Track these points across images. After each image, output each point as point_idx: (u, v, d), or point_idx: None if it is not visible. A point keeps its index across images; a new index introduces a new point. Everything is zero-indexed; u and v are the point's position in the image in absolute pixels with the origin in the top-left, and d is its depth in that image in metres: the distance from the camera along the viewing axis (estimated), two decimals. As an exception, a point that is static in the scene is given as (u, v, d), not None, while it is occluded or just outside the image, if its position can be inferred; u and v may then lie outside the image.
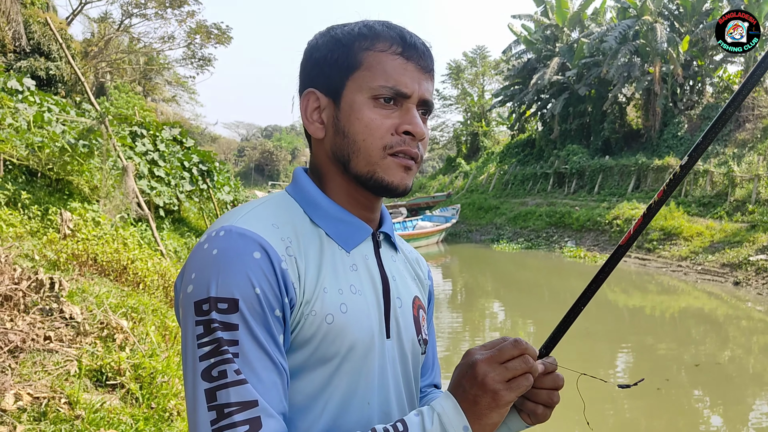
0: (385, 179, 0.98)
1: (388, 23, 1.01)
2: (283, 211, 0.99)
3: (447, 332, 10.36)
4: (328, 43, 1.01)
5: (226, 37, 30.14)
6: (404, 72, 0.97)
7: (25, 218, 7.42)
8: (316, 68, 1.02)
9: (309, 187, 1.04)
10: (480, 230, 26.47)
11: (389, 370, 1.01)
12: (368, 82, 0.97)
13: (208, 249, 0.88)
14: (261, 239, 0.89)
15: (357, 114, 0.97)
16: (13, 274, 3.96)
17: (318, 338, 0.92)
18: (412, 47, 0.98)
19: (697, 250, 16.96)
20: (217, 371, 0.82)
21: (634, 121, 28.83)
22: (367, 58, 0.97)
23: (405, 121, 0.97)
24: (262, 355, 0.85)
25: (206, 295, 0.85)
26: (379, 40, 0.98)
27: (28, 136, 8.41)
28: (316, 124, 1.02)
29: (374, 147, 0.97)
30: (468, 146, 42.80)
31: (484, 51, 46.88)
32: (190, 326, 0.86)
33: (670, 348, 9.38)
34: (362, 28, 0.99)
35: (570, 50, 30.66)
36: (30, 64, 16.51)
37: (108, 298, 4.84)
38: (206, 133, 66.76)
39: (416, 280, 1.18)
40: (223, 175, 14.33)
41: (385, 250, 1.09)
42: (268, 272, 0.87)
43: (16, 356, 3.31)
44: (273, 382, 0.85)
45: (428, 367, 1.26)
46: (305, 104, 1.02)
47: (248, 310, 0.85)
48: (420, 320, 1.11)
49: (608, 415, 6.57)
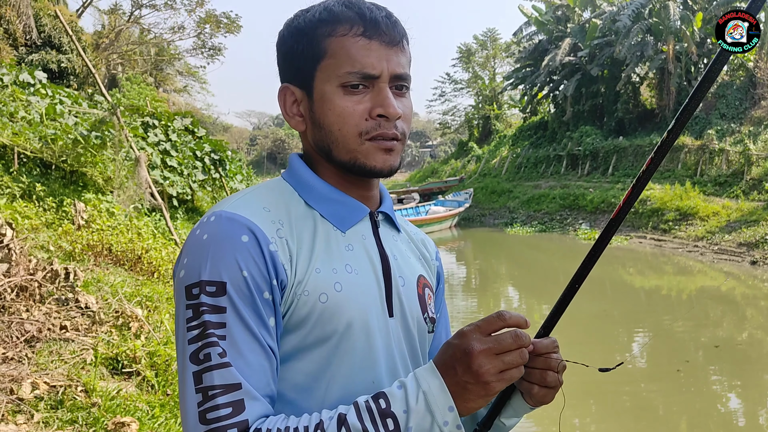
0: (367, 164, 0.97)
1: (349, 1, 0.98)
2: (276, 195, 0.99)
3: (462, 316, 10.36)
4: (292, 33, 1.00)
5: (236, 25, 30.04)
6: (369, 52, 0.95)
7: (41, 210, 7.49)
8: (286, 62, 1.02)
9: (302, 171, 1.04)
10: (493, 214, 26.37)
11: (395, 349, 1.01)
12: (335, 70, 0.95)
13: (199, 234, 0.90)
14: (249, 222, 0.89)
15: (329, 104, 0.96)
16: (28, 265, 4.00)
17: (313, 318, 0.92)
18: (373, 24, 0.96)
19: (714, 229, 16.80)
20: (203, 354, 0.83)
21: (648, 100, 28.49)
22: (330, 45, 0.96)
23: (377, 104, 0.96)
24: (250, 337, 0.85)
25: (196, 279, 0.86)
26: (339, 24, 0.96)
27: (41, 128, 8.47)
28: (296, 118, 1.02)
29: (350, 135, 0.96)
30: (480, 130, 42.55)
31: (495, 33, 46.43)
32: (181, 310, 0.87)
33: (687, 329, 9.32)
34: (322, 13, 0.97)
35: (582, 30, 30.28)
36: (42, 57, 16.58)
37: (123, 288, 4.88)
38: (218, 122, 66.91)
39: (422, 260, 1.17)
40: (236, 164, 14.37)
41: (384, 229, 1.09)
42: (256, 255, 0.87)
43: (33, 346, 3.35)
44: (260, 364, 0.85)
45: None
46: (283, 99, 1.03)
47: (236, 293, 0.85)
48: (426, 299, 1.10)
49: (624, 398, 6.55)
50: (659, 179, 21.41)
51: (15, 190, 7.57)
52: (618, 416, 6.11)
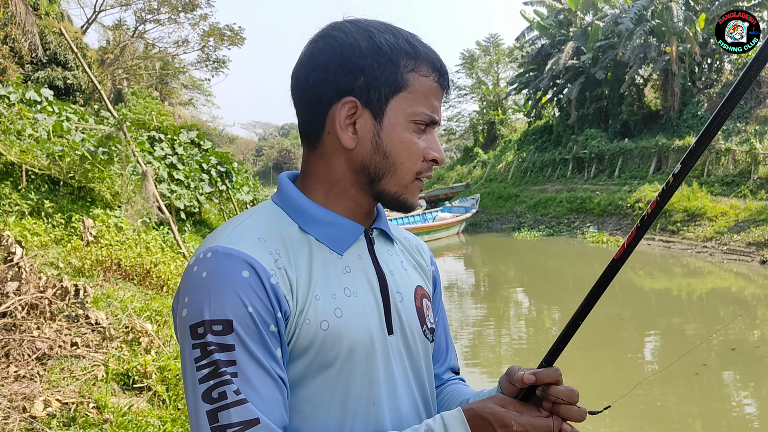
0: (408, 200, 1.03)
1: (423, 42, 1.02)
2: (269, 222, 0.98)
3: (472, 323, 10.33)
4: (373, 52, 0.96)
5: (239, 38, 30.24)
6: (437, 101, 1.01)
7: (49, 227, 7.53)
8: (360, 76, 0.96)
9: (294, 195, 1.03)
10: (500, 219, 26.33)
11: (395, 366, 1.01)
12: (411, 106, 0.98)
13: (197, 272, 0.89)
14: (248, 257, 0.89)
15: (399, 137, 0.98)
16: (38, 282, 4.02)
17: (315, 346, 0.92)
18: (444, 75, 1.01)
19: (722, 230, 16.71)
20: (217, 392, 0.84)
21: (652, 102, 28.43)
22: (411, 80, 0.98)
23: (432, 148, 1.01)
24: (261, 372, 0.86)
25: (200, 319, 0.86)
26: (422, 63, 0.99)
27: (49, 145, 8.52)
28: (348, 133, 0.98)
29: (409, 172, 1.00)
30: (485, 135, 42.55)
31: (497, 39, 46.55)
32: (187, 350, 0.87)
33: (698, 331, 9.26)
34: (406, 45, 0.98)
35: (584, 34, 30.29)
36: (47, 74, 16.72)
37: (132, 302, 4.90)
38: (224, 134, 67.23)
39: (417, 268, 1.17)
40: (242, 176, 14.42)
41: (380, 245, 1.09)
42: (258, 289, 0.88)
43: (44, 363, 3.36)
44: (273, 397, 0.87)
45: (442, 351, 1.25)
46: (342, 111, 0.97)
47: (243, 330, 0.86)
48: (424, 310, 1.11)
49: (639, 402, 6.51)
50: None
51: (24, 208, 7.62)
52: (633, 421, 6.08)
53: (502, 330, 9.97)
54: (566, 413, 0.93)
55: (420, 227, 21.74)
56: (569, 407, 0.93)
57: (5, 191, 7.76)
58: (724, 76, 25.83)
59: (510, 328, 10.11)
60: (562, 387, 0.95)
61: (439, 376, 1.24)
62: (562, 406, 0.94)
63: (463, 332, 9.50)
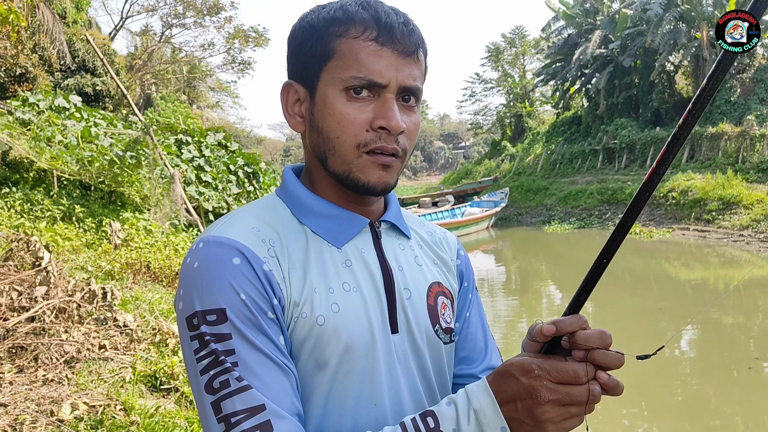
0: (361, 179, 0.92)
1: (367, 2, 0.92)
2: (266, 213, 0.95)
3: (504, 317, 10.22)
4: (303, 29, 0.95)
5: (264, 39, 30.47)
6: (378, 59, 0.89)
7: (81, 231, 7.65)
8: (293, 58, 0.97)
9: (294, 186, 1.00)
10: (530, 213, 26.07)
11: (399, 367, 0.95)
12: (340, 72, 0.90)
13: (190, 263, 0.87)
14: (239, 244, 0.86)
15: (329, 109, 0.91)
16: (66, 286, 4.06)
17: (311, 341, 0.88)
18: (388, 29, 0.90)
19: (759, 218, 16.29)
20: (218, 382, 0.80)
21: (683, 89, 27.85)
22: (339, 45, 0.90)
23: (379, 115, 0.90)
24: (262, 358, 0.82)
25: (193, 310, 0.83)
26: (352, 25, 0.90)
27: (78, 151, 8.66)
28: (296, 117, 0.98)
29: (348, 145, 0.91)
30: (512, 128, 42.18)
31: (523, 30, 46.03)
32: (186, 342, 0.85)
33: (737, 322, 9.02)
34: (337, 11, 0.92)
35: (612, 22, 29.80)
36: (77, 81, 17.01)
37: (160, 304, 4.93)
38: (251, 135, 67.74)
39: (438, 264, 1.10)
40: (269, 176, 14.49)
41: (388, 239, 1.03)
42: (250, 276, 0.85)
43: (73, 366, 3.39)
44: (279, 382, 0.82)
45: (479, 350, 1.14)
46: (285, 97, 0.98)
47: (237, 317, 0.82)
48: (438, 308, 1.03)
49: (677, 394, 6.36)
50: (700, 168, 20.88)
51: (56, 213, 7.76)
52: (669, 413, 5.94)
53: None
54: (601, 359, 0.80)
55: (449, 223, 21.62)
56: (604, 352, 0.80)
57: (37, 197, 7.90)
58: (756, 61, 25.17)
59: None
60: (591, 330, 0.82)
61: (477, 377, 1.12)
62: (596, 352, 0.80)
63: (496, 327, 9.40)
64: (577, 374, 0.79)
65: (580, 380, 0.79)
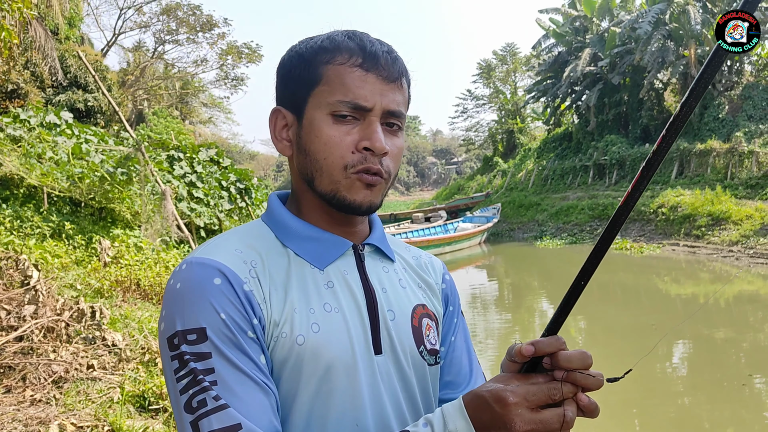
0: (347, 198, 0.96)
1: (353, 33, 0.98)
2: (251, 237, 0.98)
3: (496, 333, 10.22)
4: (291, 58, 1.00)
5: (257, 55, 30.56)
6: (363, 84, 0.94)
7: (70, 248, 7.61)
8: (282, 85, 1.01)
9: (279, 211, 1.03)
10: (522, 228, 26.13)
11: (383, 388, 0.96)
12: (327, 97, 0.94)
13: (173, 284, 0.89)
14: (220, 265, 0.89)
15: (317, 132, 0.95)
16: (55, 305, 4.04)
17: (291, 361, 0.89)
18: (372, 57, 0.95)
19: (748, 233, 16.40)
20: (197, 401, 0.82)
21: (672, 106, 28.10)
22: (326, 72, 0.95)
23: (364, 137, 0.94)
24: (241, 377, 0.83)
25: (174, 330, 0.85)
26: (338, 53, 0.95)
27: (69, 167, 8.64)
28: (284, 142, 1.01)
29: (335, 166, 0.94)
30: (504, 144, 42.40)
31: (514, 48, 46.44)
32: (167, 362, 0.86)
33: (728, 337, 9.06)
34: (324, 41, 0.97)
35: (601, 40, 30.12)
36: (68, 97, 17.00)
37: (149, 323, 4.91)
38: (244, 151, 67.75)
39: (423, 287, 1.12)
40: (261, 192, 14.48)
41: (372, 262, 1.05)
42: (230, 296, 0.87)
43: (61, 386, 3.37)
44: (257, 401, 0.83)
45: (464, 374, 1.16)
46: (273, 122, 1.02)
47: (217, 337, 0.84)
48: (423, 330, 1.04)
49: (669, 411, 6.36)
50: (689, 184, 21.04)
51: (45, 230, 7.72)
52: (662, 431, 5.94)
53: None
54: (582, 380, 0.82)
55: (441, 238, 21.65)
56: (585, 374, 0.82)
57: (27, 214, 7.86)
58: (744, 78, 25.48)
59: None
60: (573, 351, 0.83)
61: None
62: (577, 373, 0.82)
63: (488, 343, 9.40)
64: (551, 394, 0.81)
65: (554, 399, 0.80)
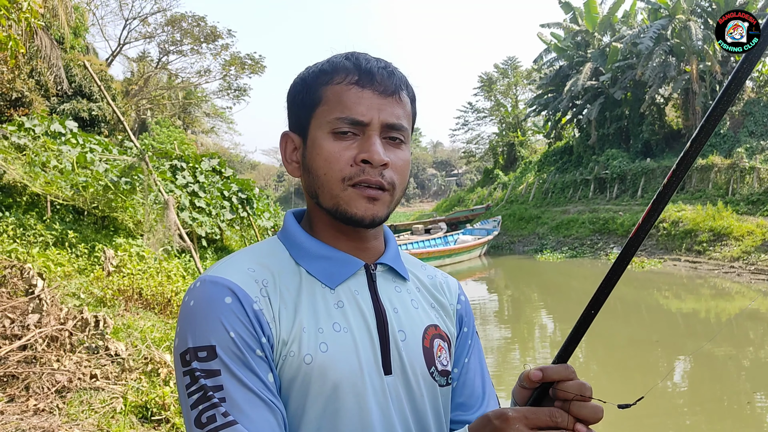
0: (348, 211, 0.97)
1: (351, 53, 1.02)
2: (264, 255, 1.00)
3: (496, 347, 10.20)
4: (296, 85, 1.04)
5: (260, 66, 30.68)
6: (360, 100, 0.97)
7: (73, 257, 7.62)
8: (290, 111, 1.06)
9: (293, 229, 1.05)
10: (522, 241, 26.12)
11: (393, 408, 0.96)
12: (327, 116, 0.98)
13: (187, 301, 0.91)
14: (231, 284, 0.91)
15: (318, 149, 0.98)
16: (59, 314, 4.05)
17: (299, 380, 0.91)
18: (368, 73, 0.98)
19: (749, 249, 16.40)
20: (206, 417, 0.84)
21: (673, 121, 28.21)
22: (325, 92, 0.99)
23: (362, 150, 0.96)
24: (249, 395, 0.85)
25: (186, 346, 0.88)
26: (336, 73, 0.99)
27: (73, 176, 8.67)
28: (293, 164, 1.05)
29: (334, 180, 0.97)
30: (505, 157, 42.46)
31: (515, 61, 46.61)
32: (179, 377, 0.88)
33: (729, 354, 9.04)
34: (324, 65, 1.01)
35: (602, 55, 30.27)
36: (73, 106, 17.06)
37: (152, 332, 4.91)
38: (246, 161, 67.87)
39: (436, 307, 1.12)
40: (263, 202, 14.49)
41: (383, 281, 1.05)
42: (240, 315, 0.89)
43: (64, 396, 3.37)
44: (264, 418, 0.85)
45: (477, 396, 1.13)
46: (284, 147, 1.06)
47: (226, 355, 0.86)
48: (434, 351, 1.04)
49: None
50: (690, 200, 21.06)
51: (48, 238, 7.73)
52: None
53: (527, 354, 9.82)
54: (577, 411, 0.83)
55: (441, 250, 21.64)
56: (580, 404, 0.84)
57: (30, 222, 7.88)
58: (746, 94, 25.57)
59: (535, 352, 9.97)
60: (572, 382, 0.86)
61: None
62: (574, 403, 0.84)
63: (488, 357, 9.37)
64: (553, 416, 0.82)
65: (556, 423, 0.82)
